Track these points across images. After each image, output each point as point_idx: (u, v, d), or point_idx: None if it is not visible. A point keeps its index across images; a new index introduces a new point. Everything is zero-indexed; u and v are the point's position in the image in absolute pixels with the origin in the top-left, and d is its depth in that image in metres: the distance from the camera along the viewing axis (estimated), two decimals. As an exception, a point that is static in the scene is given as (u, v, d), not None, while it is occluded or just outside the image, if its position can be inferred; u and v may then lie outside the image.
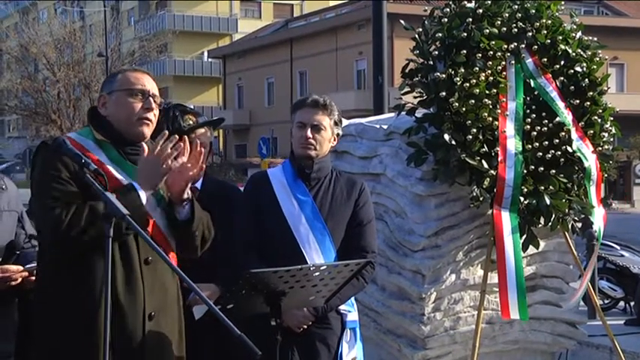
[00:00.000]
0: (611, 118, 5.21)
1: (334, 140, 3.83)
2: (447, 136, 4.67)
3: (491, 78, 4.82)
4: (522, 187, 4.79)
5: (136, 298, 2.98)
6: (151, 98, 3.11)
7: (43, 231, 3.04)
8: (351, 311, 3.79)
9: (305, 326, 3.60)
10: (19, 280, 3.31)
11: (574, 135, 4.93)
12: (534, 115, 4.96)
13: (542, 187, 4.87)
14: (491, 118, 4.77)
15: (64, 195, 2.93)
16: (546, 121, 4.96)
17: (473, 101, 4.70)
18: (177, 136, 3.02)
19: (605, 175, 5.25)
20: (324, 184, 3.77)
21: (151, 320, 3.01)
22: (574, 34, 5.12)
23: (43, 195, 2.98)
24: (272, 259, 3.50)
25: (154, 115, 3.13)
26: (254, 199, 3.74)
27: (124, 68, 3.26)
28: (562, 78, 5.03)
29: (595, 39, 5.26)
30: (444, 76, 4.70)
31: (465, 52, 4.73)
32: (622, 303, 9.59)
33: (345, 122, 5.58)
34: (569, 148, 4.93)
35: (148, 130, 3.12)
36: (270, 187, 3.74)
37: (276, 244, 3.64)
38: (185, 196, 3.09)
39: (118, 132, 3.09)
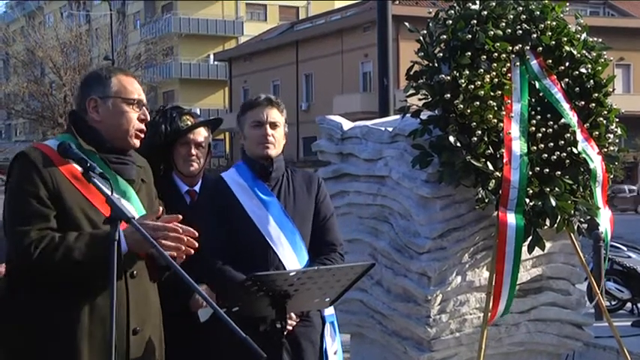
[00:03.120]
0: (617, 120, 5.21)
1: (285, 138, 3.77)
2: (452, 138, 4.67)
3: (496, 80, 4.82)
4: (528, 189, 4.79)
5: (120, 312, 2.89)
6: (144, 108, 3.08)
7: (12, 257, 2.94)
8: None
9: (290, 328, 3.59)
10: None
11: (579, 136, 4.93)
12: (539, 117, 4.95)
13: (548, 189, 4.87)
14: (496, 120, 4.77)
15: (37, 218, 2.83)
16: (551, 122, 4.95)
17: (478, 103, 4.70)
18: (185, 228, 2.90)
19: (612, 177, 5.24)
20: (283, 182, 3.72)
21: (136, 334, 2.96)
22: (579, 36, 5.12)
23: (14, 215, 2.86)
24: (245, 263, 3.44)
25: (145, 125, 3.11)
26: (214, 204, 3.62)
27: (110, 69, 3.15)
28: (567, 79, 5.03)
29: (600, 40, 5.25)
30: (448, 78, 4.69)
31: (469, 53, 4.73)
32: (629, 304, 9.57)
33: (350, 124, 5.60)
34: (574, 150, 4.92)
35: (138, 142, 3.09)
36: (229, 191, 3.64)
37: (247, 249, 3.57)
38: None
39: (106, 139, 3.01)
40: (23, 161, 2.89)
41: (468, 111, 4.69)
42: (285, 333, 3.27)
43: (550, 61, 5.02)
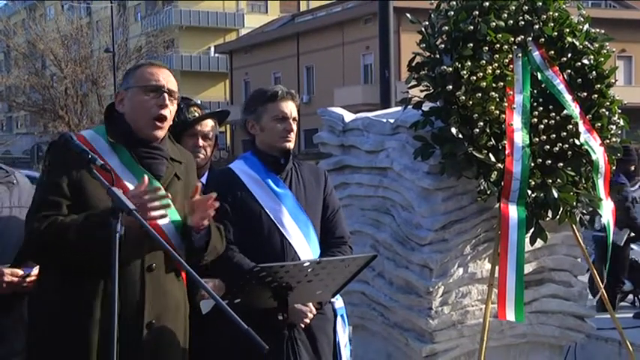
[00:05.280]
0: (619, 111, 5.20)
1: None
2: (454, 130, 4.66)
3: (498, 71, 4.81)
4: (530, 181, 4.78)
5: (134, 307, 2.93)
6: (165, 94, 3.06)
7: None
8: (338, 299, 3.78)
9: (308, 321, 3.59)
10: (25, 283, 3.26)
11: (581, 128, 4.92)
12: (541, 108, 4.94)
13: (550, 180, 4.86)
14: (498, 112, 4.76)
15: (50, 205, 2.91)
16: (554, 114, 4.94)
17: (480, 94, 4.69)
18: (163, 190, 2.93)
19: (614, 168, 5.23)
20: (292, 175, 3.72)
21: (150, 328, 2.97)
22: (581, 27, 5.10)
23: (33, 202, 3.00)
24: (261, 256, 3.43)
25: (169, 112, 3.09)
26: (223, 196, 3.51)
27: (142, 62, 3.20)
28: (569, 70, 5.02)
29: (602, 31, 5.24)
30: (450, 69, 4.68)
31: (471, 45, 4.71)
32: (631, 296, 9.56)
33: (352, 116, 5.59)
34: (576, 141, 4.91)
35: (161, 132, 3.09)
36: (240, 183, 3.64)
37: (263, 241, 3.56)
38: (202, 227, 3.06)
39: (133, 131, 3.05)
40: (52, 150, 3.00)
41: (470, 102, 4.68)
42: (286, 324, 3.27)
43: (552, 52, 5.01)
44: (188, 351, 3.18)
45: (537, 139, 4.87)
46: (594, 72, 5.05)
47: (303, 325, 3.56)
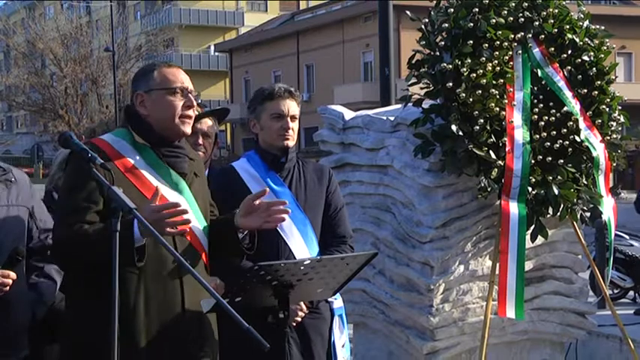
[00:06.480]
0: (620, 107, 5.19)
1: None
2: (454, 127, 4.66)
3: (498, 68, 4.80)
4: (530, 178, 4.78)
5: (177, 301, 3.01)
6: (190, 95, 3.13)
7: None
8: (337, 298, 3.78)
9: (299, 319, 3.59)
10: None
11: (582, 124, 4.91)
12: (542, 105, 4.94)
13: (551, 177, 4.86)
14: (498, 109, 4.75)
15: (77, 212, 2.93)
16: (554, 110, 4.94)
17: (480, 92, 4.69)
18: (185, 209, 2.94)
19: (614, 165, 5.23)
20: (294, 173, 3.72)
21: (191, 319, 3.05)
22: (581, 23, 5.10)
23: (59, 208, 3.05)
24: (255, 254, 3.39)
25: (193, 112, 3.15)
26: (223, 194, 3.55)
27: (155, 63, 3.23)
28: (569, 67, 5.01)
29: (602, 28, 5.23)
30: (450, 66, 4.67)
31: (471, 42, 4.71)
32: (631, 292, 9.57)
33: (352, 114, 5.58)
34: (577, 138, 4.91)
35: (189, 128, 3.14)
36: (240, 181, 3.66)
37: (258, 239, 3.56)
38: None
39: (157, 132, 3.09)
40: (77, 157, 2.95)
41: (470, 99, 4.67)
42: (287, 323, 3.26)
43: (552, 48, 5.00)
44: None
45: (538, 136, 4.87)
46: (594, 69, 5.04)
47: (294, 324, 3.56)
